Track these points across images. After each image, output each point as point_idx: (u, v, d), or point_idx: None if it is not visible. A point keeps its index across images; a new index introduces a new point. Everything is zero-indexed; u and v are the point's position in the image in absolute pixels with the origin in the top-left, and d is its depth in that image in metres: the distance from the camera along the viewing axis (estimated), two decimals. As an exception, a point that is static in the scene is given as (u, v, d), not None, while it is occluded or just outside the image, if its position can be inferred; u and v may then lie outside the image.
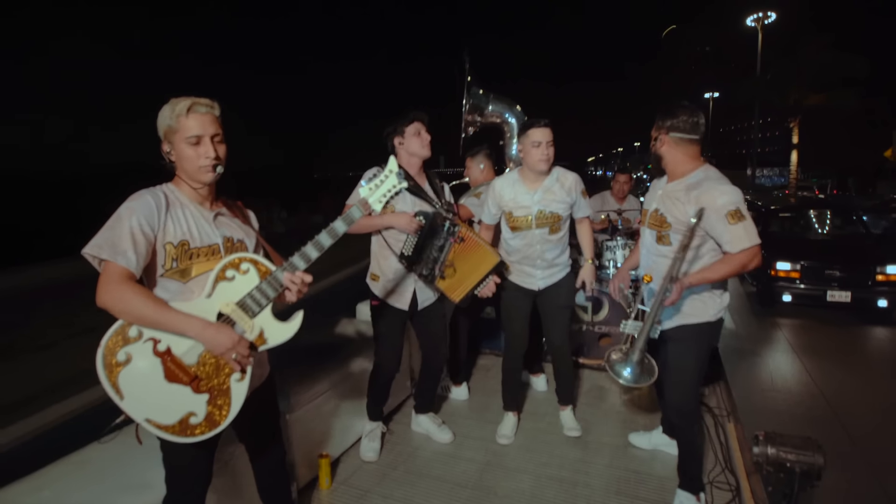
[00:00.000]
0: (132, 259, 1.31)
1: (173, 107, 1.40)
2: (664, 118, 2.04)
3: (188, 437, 1.37)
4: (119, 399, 1.32)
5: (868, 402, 3.84)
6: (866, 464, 2.99)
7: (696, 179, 2.00)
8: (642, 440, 2.67)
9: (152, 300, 1.32)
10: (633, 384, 1.99)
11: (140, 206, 1.35)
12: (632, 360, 1.98)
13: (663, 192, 2.09)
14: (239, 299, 1.43)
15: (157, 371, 1.35)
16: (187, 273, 1.42)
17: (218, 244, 1.47)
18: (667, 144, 2.04)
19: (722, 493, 2.27)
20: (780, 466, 1.87)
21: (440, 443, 2.73)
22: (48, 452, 1.88)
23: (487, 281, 2.45)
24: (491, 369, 3.67)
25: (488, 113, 3.64)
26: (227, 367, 1.42)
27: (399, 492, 2.34)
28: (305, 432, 2.35)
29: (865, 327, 5.64)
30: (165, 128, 1.41)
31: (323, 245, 1.48)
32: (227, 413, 1.42)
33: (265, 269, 1.47)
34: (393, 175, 1.55)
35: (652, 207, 2.14)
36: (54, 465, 1.80)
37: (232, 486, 1.92)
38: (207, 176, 1.44)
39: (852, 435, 3.28)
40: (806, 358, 4.68)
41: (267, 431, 1.75)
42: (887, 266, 5.67)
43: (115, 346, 1.32)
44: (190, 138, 1.40)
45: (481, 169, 3.22)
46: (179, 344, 1.38)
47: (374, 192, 1.55)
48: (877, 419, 3.55)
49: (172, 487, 1.50)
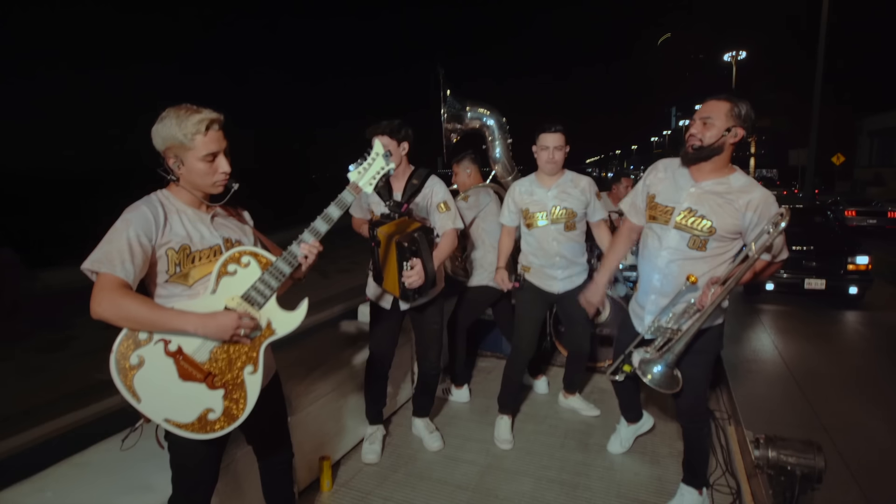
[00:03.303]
0: (129, 269, 1.31)
1: (181, 122, 1.36)
2: (744, 107, 1.81)
3: (208, 434, 1.39)
4: (136, 402, 1.33)
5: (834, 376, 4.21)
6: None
7: (742, 183, 1.86)
8: (615, 444, 2.65)
9: (147, 303, 1.33)
10: (656, 386, 1.89)
11: (136, 218, 1.35)
12: (665, 362, 1.89)
13: (698, 190, 1.90)
14: (243, 292, 1.44)
15: (171, 371, 1.37)
16: (191, 276, 1.43)
17: (219, 245, 1.49)
18: (738, 140, 1.83)
19: (723, 497, 2.27)
20: (780, 469, 1.87)
21: (429, 450, 2.70)
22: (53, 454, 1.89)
23: (407, 267, 2.21)
24: (492, 371, 3.67)
25: (467, 120, 3.71)
26: (239, 361, 1.44)
27: (400, 494, 2.34)
28: (306, 435, 2.35)
29: (838, 311, 6.35)
30: (173, 143, 1.39)
31: (319, 231, 1.50)
32: (244, 406, 1.43)
33: (266, 260, 1.47)
34: (380, 157, 1.56)
35: (682, 206, 1.91)
36: (56, 467, 1.81)
37: (234, 489, 1.93)
38: (219, 189, 1.47)
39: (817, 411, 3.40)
40: (779, 338, 5.25)
41: (275, 430, 1.76)
42: (857, 257, 6.48)
43: (126, 350, 1.34)
44: (207, 156, 1.41)
45: (468, 174, 3.28)
46: (190, 342, 1.39)
47: (362, 175, 1.55)
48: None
49: (179, 487, 1.51)
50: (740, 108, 1.81)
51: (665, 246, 1.96)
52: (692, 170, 1.92)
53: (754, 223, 1.83)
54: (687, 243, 1.91)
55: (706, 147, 1.84)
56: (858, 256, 6.46)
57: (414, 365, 3.24)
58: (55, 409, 3.49)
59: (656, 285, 2.01)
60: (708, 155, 1.85)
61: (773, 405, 3.62)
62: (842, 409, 3.50)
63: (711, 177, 1.88)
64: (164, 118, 1.38)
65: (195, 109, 1.39)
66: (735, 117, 1.81)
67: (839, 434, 3.10)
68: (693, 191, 1.90)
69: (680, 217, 1.91)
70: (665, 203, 1.97)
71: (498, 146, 3.54)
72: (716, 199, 1.86)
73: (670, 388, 1.91)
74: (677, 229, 1.92)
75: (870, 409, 3.51)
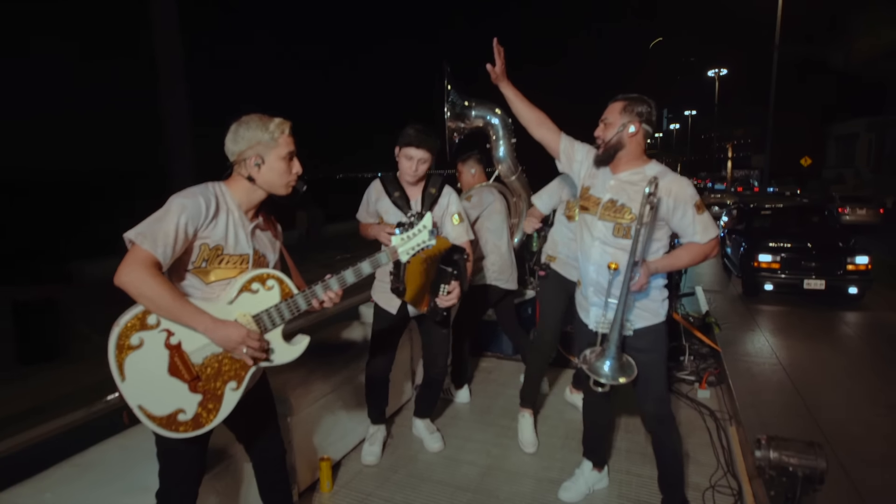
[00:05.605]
0: (167, 254, 1.35)
1: (265, 123, 1.48)
2: (638, 105, 1.92)
3: (171, 433, 1.41)
4: (120, 380, 1.35)
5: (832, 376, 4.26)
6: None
7: (656, 171, 1.93)
8: (571, 493, 2.31)
9: (171, 289, 1.35)
10: (613, 381, 1.89)
11: (191, 206, 1.39)
12: (610, 355, 1.90)
13: (616, 182, 1.98)
14: (256, 313, 1.48)
15: (162, 362, 1.39)
16: (211, 275, 1.47)
17: (248, 255, 1.53)
18: (640, 134, 1.93)
19: (724, 498, 2.26)
20: (782, 470, 1.87)
21: (430, 451, 2.70)
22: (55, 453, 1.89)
23: (443, 290, 2.23)
24: (493, 372, 3.67)
25: (471, 118, 3.69)
26: (227, 375, 1.46)
27: (400, 495, 2.34)
28: (306, 435, 2.35)
29: (838, 312, 6.33)
30: (259, 142, 1.48)
31: (346, 282, 1.57)
32: (213, 418, 1.46)
33: (288, 290, 1.53)
34: (425, 231, 1.61)
35: (605, 198, 1.98)
36: (56, 468, 1.80)
37: (233, 489, 1.92)
38: (289, 190, 1.55)
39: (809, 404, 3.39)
40: (778, 339, 5.23)
41: (263, 429, 1.76)
42: (856, 257, 6.45)
43: (132, 328, 1.36)
44: (287, 155, 1.52)
45: (472, 174, 3.27)
46: (191, 341, 1.41)
47: (405, 242, 1.62)
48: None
49: (165, 480, 1.53)
50: (634, 105, 1.92)
51: (595, 237, 2.02)
52: (611, 164, 2.01)
53: (671, 207, 1.89)
54: (612, 232, 1.97)
55: (607, 144, 1.96)
56: (858, 256, 6.46)
57: (415, 365, 3.23)
58: (55, 410, 3.48)
59: (592, 276, 2.03)
60: (613, 151, 1.96)
61: (771, 406, 3.62)
62: (841, 409, 3.51)
63: (627, 168, 1.98)
64: (245, 122, 1.49)
65: (269, 116, 1.51)
66: (628, 113, 1.92)
67: (837, 434, 3.10)
68: (612, 183, 2.00)
69: (603, 208, 2.00)
70: (591, 195, 2.06)
71: (502, 145, 3.53)
72: (633, 188, 1.94)
73: (628, 375, 1.89)
74: (602, 220, 2.00)
75: (870, 409, 3.51)
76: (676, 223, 1.92)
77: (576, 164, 2.14)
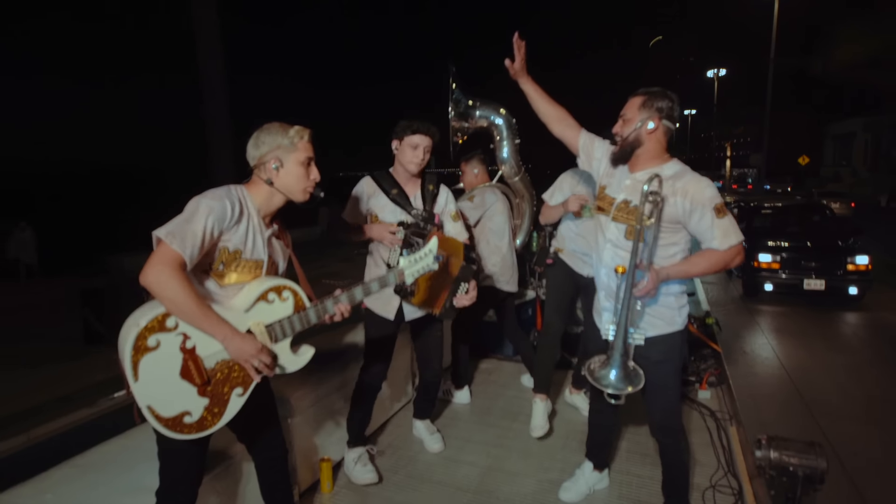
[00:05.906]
0: (193, 255, 1.37)
1: (285, 129, 1.53)
2: (660, 100, 1.81)
3: (176, 434, 1.42)
4: (133, 380, 1.35)
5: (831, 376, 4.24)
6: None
7: (675, 170, 1.82)
8: (571, 493, 2.30)
9: (195, 294, 1.37)
10: (619, 390, 1.79)
11: (218, 209, 1.42)
12: (614, 363, 1.80)
13: (632, 181, 1.87)
14: (269, 323, 1.51)
15: (175, 365, 1.40)
16: (227, 279, 1.49)
17: (263, 261, 1.56)
18: (660, 131, 1.83)
19: (725, 498, 2.26)
20: (782, 470, 1.87)
21: (430, 451, 2.69)
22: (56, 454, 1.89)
23: (463, 289, 2.24)
24: (493, 373, 3.67)
25: (475, 118, 3.68)
26: (234, 381, 1.49)
27: (400, 496, 2.34)
28: (307, 436, 2.35)
29: (838, 312, 6.31)
30: (279, 145, 1.53)
31: (356, 299, 1.63)
32: (217, 421, 1.48)
33: (301, 303, 1.57)
34: (430, 256, 1.65)
35: (619, 198, 1.88)
36: (57, 469, 1.81)
37: (233, 489, 1.92)
38: (307, 196, 1.58)
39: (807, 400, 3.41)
40: (778, 339, 5.23)
41: (264, 430, 1.76)
42: (857, 257, 6.43)
43: (150, 330, 1.36)
44: (306, 160, 1.56)
45: (476, 174, 3.25)
46: (205, 346, 1.43)
47: (411, 265, 1.66)
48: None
49: (165, 478, 1.54)
50: (654, 100, 1.82)
51: (608, 238, 1.93)
52: (629, 162, 1.91)
53: (688, 209, 1.77)
54: (624, 234, 1.87)
55: (625, 141, 1.86)
56: (858, 256, 6.45)
57: (415, 366, 3.23)
58: (54, 409, 3.48)
59: (604, 280, 1.95)
60: (631, 149, 1.86)
61: (771, 406, 3.62)
62: (842, 409, 3.50)
63: (646, 167, 1.86)
64: (266, 128, 1.54)
65: (289, 124, 1.55)
66: (648, 108, 1.82)
67: (837, 434, 3.10)
68: (628, 182, 1.89)
69: (617, 209, 1.89)
70: (611, 195, 1.95)
71: (506, 146, 3.52)
72: None
73: (635, 385, 1.80)
74: (615, 221, 1.90)
75: (870, 409, 3.50)
76: (694, 227, 1.78)
77: (595, 162, 2.04)
